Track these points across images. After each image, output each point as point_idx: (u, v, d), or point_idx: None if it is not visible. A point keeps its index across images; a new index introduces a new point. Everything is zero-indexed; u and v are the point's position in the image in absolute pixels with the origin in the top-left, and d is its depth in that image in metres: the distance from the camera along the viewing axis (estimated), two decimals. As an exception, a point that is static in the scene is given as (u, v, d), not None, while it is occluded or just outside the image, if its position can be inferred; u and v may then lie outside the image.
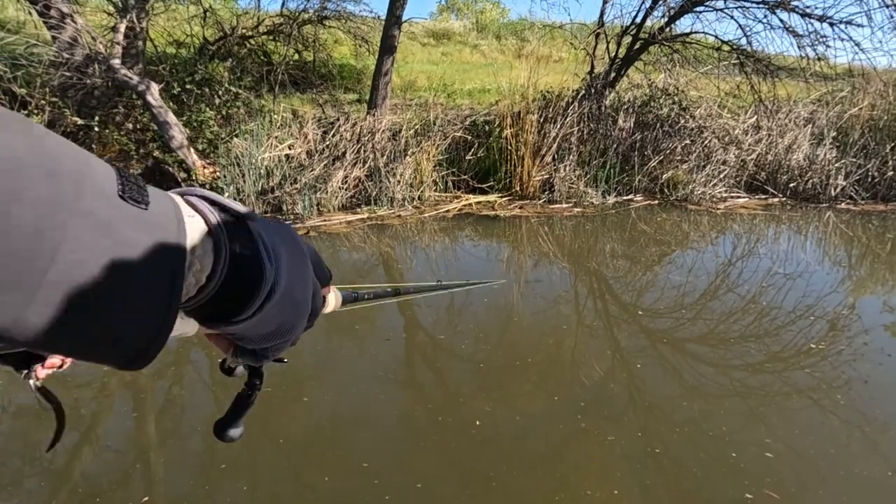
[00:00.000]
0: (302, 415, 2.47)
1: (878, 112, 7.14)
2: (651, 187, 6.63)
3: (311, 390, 2.65)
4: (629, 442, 2.26)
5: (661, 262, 4.65)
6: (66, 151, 0.22)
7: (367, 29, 9.13)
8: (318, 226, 5.07)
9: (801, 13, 5.80)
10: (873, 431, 2.32)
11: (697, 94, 7.30)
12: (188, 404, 2.58)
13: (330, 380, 2.76)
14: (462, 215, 5.69)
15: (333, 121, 6.39)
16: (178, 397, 2.62)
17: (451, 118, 6.89)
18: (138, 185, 0.25)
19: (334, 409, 2.49)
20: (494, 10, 19.63)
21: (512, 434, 2.32)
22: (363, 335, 3.19)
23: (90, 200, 0.22)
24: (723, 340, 3.20)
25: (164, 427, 2.39)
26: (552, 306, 3.65)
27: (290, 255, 0.33)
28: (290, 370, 2.77)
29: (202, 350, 3.00)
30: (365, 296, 0.72)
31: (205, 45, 7.91)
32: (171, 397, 2.62)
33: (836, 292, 3.95)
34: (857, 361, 2.91)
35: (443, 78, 10.25)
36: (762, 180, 6.87)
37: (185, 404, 2.58)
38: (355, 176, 5.67)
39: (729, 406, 2.53)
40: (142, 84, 5.13)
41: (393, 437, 2.31)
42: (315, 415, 2.47)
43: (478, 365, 2.89)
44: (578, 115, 6.34)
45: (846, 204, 6.49)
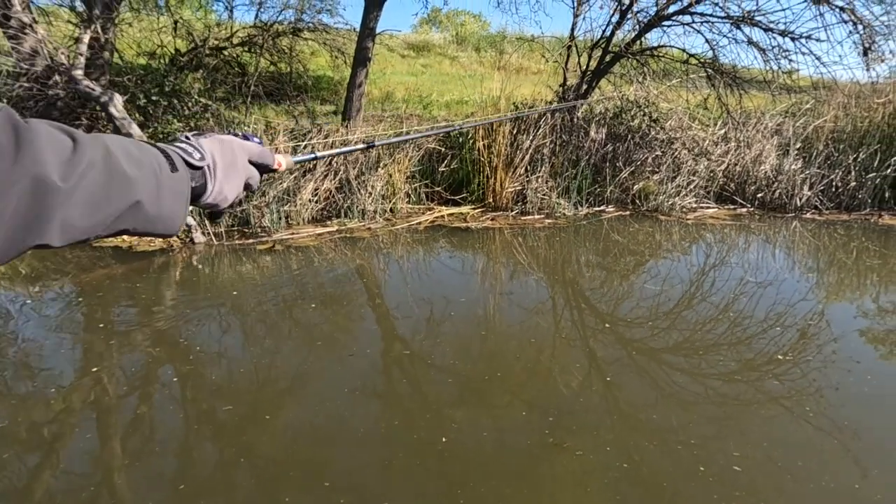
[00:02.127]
0: (265, 433, 2.40)
1: (840, 124, 7.33)
2: (623, 198, 6.69)
3: (274, 408, 2.59)
4: (597, 456, 2.24)
5: (636, 272, 4.67)
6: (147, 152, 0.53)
7: (342, 41, 9.12)
8: (285, 239, 4.98)
9: (764, 28, 5.94)
10: (845, 438, 2.34)
11: (668, 106, 7.41)
12: (157, 422, 2.50)
13: (292, 398, 2.69)
14: (434, 227, 5.66)
15: (306, 132, 6.33)
16: (146, 416, 2.54)
17: (426, 130, 6.87)
18: (172, 162, 0.54)
19: (297, 428, 2.44)
20: (475, 22, 19.85)
21: (479, 450, 2.28)
22: (325, 351, 3.12)
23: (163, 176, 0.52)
24: (696, 350, 3.21)
25: (130, 447, 2.31)
26: (524, 318, 3.63)
27: (224, 165, 0.63)
28: (255, 387, 2.70)
29: (171, 365, 2.91)
30: (316, 155, 1.01)
31: (176, 57, 7.81)
32: (139, 415, 2.54)
33: (806, 300, 4.00)
34: (827, 369, 2.94)
35: (419, 89, 10.27)
36: (731, 191, 6.98)
37: (153, 422, 2.50)
38: (326, 188, 5.61)
39: (700, 417, 2.53)
40: (104, 95, 5.02)
41: (357, 454, 2.26)
42: (278, 433, 2.40)
43: (446, 380, 2.85)
44: (551, 126, 6.38)
45: (811, 214, 6.63)
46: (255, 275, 4.32)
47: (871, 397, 2.69)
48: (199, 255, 4.66)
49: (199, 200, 0.61)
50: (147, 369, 2.94)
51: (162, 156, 0.53)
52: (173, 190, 0.53)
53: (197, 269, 4.47)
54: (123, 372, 2.91)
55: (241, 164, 0.66)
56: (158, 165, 0.52)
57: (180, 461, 2.24)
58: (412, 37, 15.28)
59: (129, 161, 0.47)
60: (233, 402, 2.60)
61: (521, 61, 12.56)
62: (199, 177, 0.59)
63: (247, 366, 2.95)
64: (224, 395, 2.66)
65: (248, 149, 0.68)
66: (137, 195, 0.47)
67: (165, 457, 2.26)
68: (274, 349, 3.16)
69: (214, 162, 0.61)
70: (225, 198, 0.64)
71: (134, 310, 3.72)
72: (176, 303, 3.87)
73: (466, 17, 20.30)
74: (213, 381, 2.81)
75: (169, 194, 0.52)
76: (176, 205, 0.53)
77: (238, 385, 2.75)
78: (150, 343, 3.21)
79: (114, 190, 0.44)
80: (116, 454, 2.26)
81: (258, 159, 0.70)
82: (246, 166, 0.67)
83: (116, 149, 0.47)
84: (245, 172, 0.67)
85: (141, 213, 0.48)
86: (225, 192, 0.63)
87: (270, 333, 3.36)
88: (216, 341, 3.23)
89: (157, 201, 0.50)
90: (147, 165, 0.50)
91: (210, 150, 0.61)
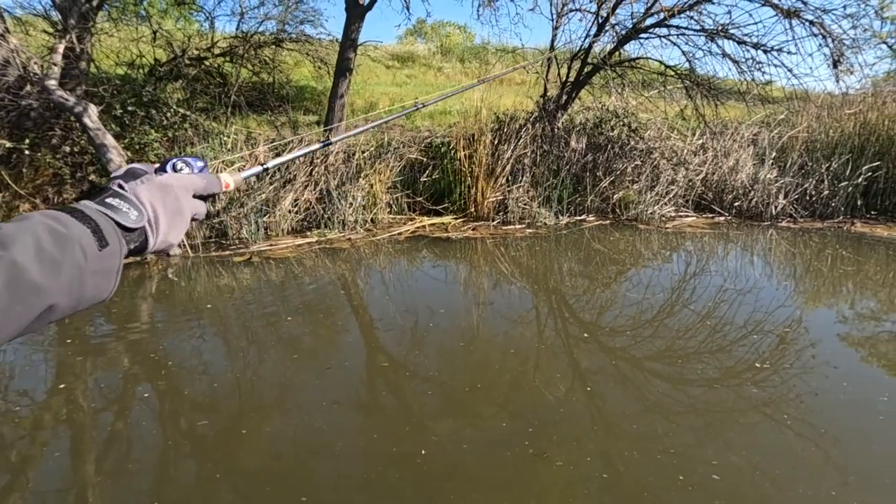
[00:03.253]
0: (242, 448, 2.35)
1: (814, 134, 7.51)
2: (603, 207, 6.75)
3: (250, 423, 2.54)
4: (577, 467, 2.22)
5: (617, 281, 4.70)
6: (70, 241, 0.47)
7: (325, 51, 9.12)
8: (263, 251, 4.93)
9: (738, 41, 6.07)
10: (824, 444, 2.36)
11: (647, 116, 7.53)
12: (132, 439, 2.44)
13: (269, 412, 2.64)
14: (415, 238, 5.64)
15: (287, 143, 6.29)
16: (121, 432, 2.48)
17: (408, 140, 6.89)
18: (101, 236, 0.50)
19: (274, 442, 2.39)
20: (460, 34, 20.03)
21: (458, 463, 2.25)
22: (303, 364, 3.08)
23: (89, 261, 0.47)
24: (677, 358, 3.23)
25: (104, 464, 2.24)
26: (505, 329, 3.62)
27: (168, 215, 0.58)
28: (231, 401, 2.64)
29: (146, 380, 2.84)
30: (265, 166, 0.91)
31: (155, 67, 7.74)
32: (113, 431, 2.48)
33: (784, 307, 4.05)
34: (806, 374, 2.98)
35: (403, 100, 10.30)
36: (709, 199, 7.09)
37: (128, 439, 2.43)
38: (306, 199, 5.57)
39: (680, 425, 2.53)
40: (79, 105, 4.94)
41: (335, 469, 2.22)
42: (255, 448, 2.35)
43: (426, 392, 2.83)
44: (531, 136, 6.43)
45: (787, 222, 6.75)
46: (233, 287, 4.26)
47: (848, 402, 2.72)
48: (174, 268, 4.58)
49: (140, 253, 0.57)
50: (121, 384, 2.87)
51: (90, 233, 0.48)
52: (100, 271, 0.49)
53: (172, 281, 4.39)
54: (97, 387, 2.83)
55: (187, 207, 0.62)
56: (83, 252, 0.47)
57: (156, 478, 2.18)
58: (397, 47, 15.36)
59: (44, 267, 0.43)
60: (209, 416, 2.55)
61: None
62: (138, 235, 0.54)
63: (223, 380, 2.89)
64: (200, 409, 2.60)
65: (192, 186, 0.63)
66: (50, 300, 0.44)
67: (141, 474, 2.19)
68: (251, 363, 3.10)
69: (156, 215, 0.57)
70: (170, 244, 0.60)
71: (107, 324, 3.64)
72: (151, 316, 3.79)
73: (451, 29, 20.50)
74: (188, 395, 2.74)
75: (94, 278, 0.48)
76: (104, 282, 0.49)
77: (214, 400, 2.70)
78: (124, 358, 3.13)
79: (16, 309, 0.41)
80: (89, 473, 2.19)
81: (204, 192, 0.65)
82: (192, 206, 0.63)
83: (29, 257, 0.42)
84: (191, 212, 0.63)
85: (56, 312, 0.45)
86: (170, 239, 0.60)
87: (248, 347, 3.30)
88: (192, 355, 3.17)
89: (79, 291, 0.47)
90: (67, 261, 0.45)
91: (149, 201, 0.56)
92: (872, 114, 7.21)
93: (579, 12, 6.54)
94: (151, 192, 0.57)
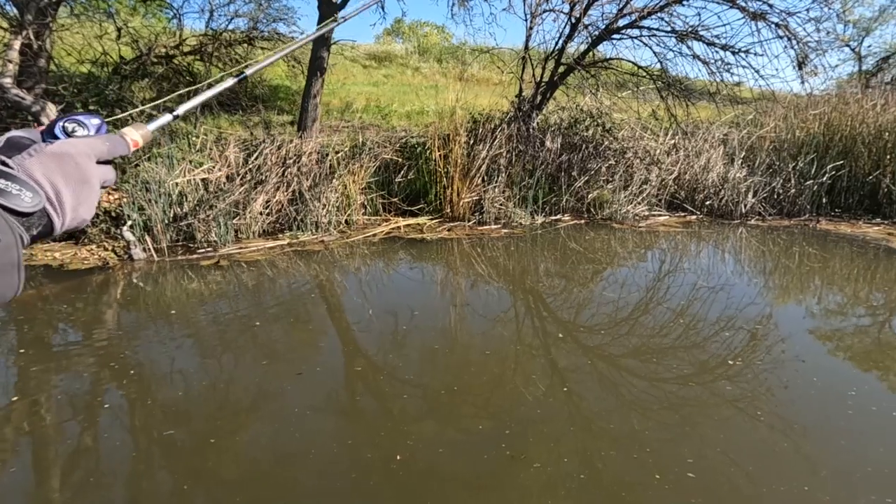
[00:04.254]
0: (212, 457, 2.27)
1: (781, 134, 7.70)
2: (578, 207, 6.79)
3: (220, 431, 2.45)
4: (555, 467, 2.21)
5: (593, 280, 4.73)
6: None
7: (299, 51, 8.98)
8: (232, 254, 4.79)
9: (707, 42, 6.18)
10: (795, 437, 2.39)
11: (621, 116, 7.61)
12: (99, 451, 2.33)
13: (239, 420, 2.55)
14: (390, 239, 5.57)
15: (258, 143, 6.16)
16: (87, 444, 2.37)
17: (383, 140, 6.82)
18: None
19: (245, 451, 2.32)
20: (439, 34, 19.99)
21: (435, 467, 2.22)
22: (273, 370, 2.99)
23: None
24: (652, 355, 3.24)
25: (71, 479, 2.15)
26: (480, 330, 3.59)
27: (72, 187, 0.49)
28: (200, 410, 2.55)
29: (110, 389, 2.71)
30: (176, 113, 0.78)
31: (119, 65, 7.50)
32: (79, 444, 2.37)
33: (755, 304, 4.12)
34: (777, 369, 3.03)
35: (379, 99, 10.21)
36: (681, 199, 7.20)
37: (95, 451, 2.33)
38: (278, 200, 5.45)
39: (656, 423, 2.54)
40: (36, 105, 4.74)
41: (308, 476, 2.16)
42: (225, 457, 2.28)
43: (401, 395, 2.78)
44: (507, 136, 6.43)
45: (756, 220, 6.90)
46: (201, 292, 4.13)
47: (818, 397, 2.77)
48: (139, 273, 4.42)
49: (46, 237, 0.49)
50: (86, 394, 2.74)
51: None
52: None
53: (138, 286, 4.24)
54: (60, 398, 2.71)
55: (94, 174, 0.53)
56: None
57: (125, 491, 2.10)
58: (374, 47, 15.26)
59: None
60: (177, 425, 2.46)
61: (483, 73, 12.71)
62: (38, 219, 0.46)
63: (192, 388, 2.79)
64: (169, 418, 2.51)
65: (93, 151, 0.54)
66: None
67: (109, 487, 2.11)
68: (221, 370, 3.01)
69: (57, 191, 0.48)
70: (83, 220, 0.53)
71: (71, 331, 3.49)
72: (116, 323, 3.65)
73: (429, 29, 20.45)
74: (156, 404, 2.64)
75: None
76: (3, 281, 0.43)
77: (183, 408, 2.61)
78: (88, 366, 3.00)
79: None
80: (53, 487, 2.10)
81: (108, 156, 0.56)
82: (99, 173, 0.55)
83: None
84: (100, 179, 0.55)
85: None
86: (81, 214, 0.52)
87: (217, 353, 3.19)
88: (159, 363, 3.06)
89: None
90: None
91: (45, 176, 0.48)
92: (836, 114, 7.42)
93: (553, 13, 6.57)
94: (45, 165, 0.48)
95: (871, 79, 12.36)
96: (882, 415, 2.59)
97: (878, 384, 2.99)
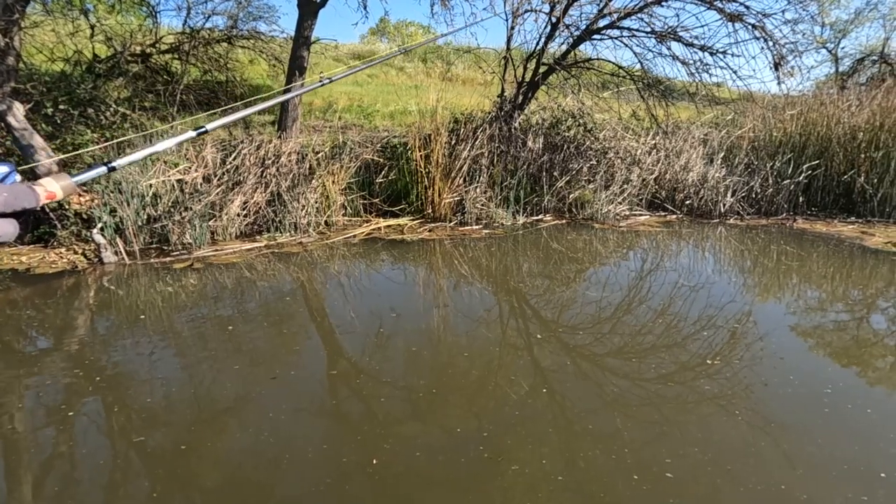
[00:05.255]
0: (183, 463, 2.21)
1: (759, 134, 7.79)
2: (560, 207, 6.80)
3: (192, 437, 2.39)
4: (533, 470, 2.18)
5: (576, 280, 4.72)
6: None
7: (279, 49, 8.86)
8: (207, 256, 4.68)
9: (686, 43, 6.22)
10: (774, 434, 2.39)
11: (603, 117, 7.63)
12: (73, 459, 2.25)
13: (212, 425, 2.49)
14: (370, 240, 5.51)
15: (237, 143, 6.05)
16: (61, 452, 2.29)
17: (365, 140, 6.75)
18: None
19: (218, 456, 2.26)
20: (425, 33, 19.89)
21: (411, 471, 2.18)
22: (247, 374, 2.92)
23: None
24: (633, 354, 3.24)
25: (44, 490, 2.08)
26: (459, 331, 3.56)
27: None
28: (172, 416, 2.48)
29: (81, 396, 2.62)
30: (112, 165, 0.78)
31: (93, 63, 7.31)
32: (53, 452, 2.29)
33: (734, 302, 4.15)
34: (756, 366, 3.04)
35: (363, 99, 10.12)
36: (662, 198, 7.25)
37: (69, 459, 2.25)
38: (256, 201, 5.35)
39: (636, 422, 2.53)
40: (2, 104, 4.58)
41: (282, 482, 2.10)
42: (197, 462, 2.22)
43: (378, 398, 2.73)
44: (488, 136, 6.40)
45: (734, 219, 6.97)
46: (173, 295, 4.02)
47: (795, 395, 2.77)
48: (110, 276, 4.30)
49: None
50: (58, 401, 2.66)
51: None
52: None
53: (108, 290, 4.12)
54: (30, 405, 2.62)
55: None
56: None
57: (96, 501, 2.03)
58: (359, 46, 15.17)
59: None
60: (147, 432, 2.39)
61: (467, 72, 12.68)
62: None
63: (163, 393, 2.71)
64: (140, 425, 2.45)
65: None
66: None
67: (85, 496, 2.04)
68: (192, 375, 2.92)
69: None
70: None
71: (40, 336, 3.38)
72: (87, 328, 3.54)
73: (414, 29, 20.37)
74: (127, 410, 2.57)
75: None
76: None
77: (154, 414, 2.54)
78: (59, 372, 2.91)
79: None
80: (26, 499, 2.03)
81: (6, 208, 0.52)
82: None
83: None
84: None
85: None
86: None
87: (189, 357, 3.11)
88: (129, 368, 2.97)
89: None
90: None
91: None
92: (812, 114, 7.53)
93: (534, 13, 6.57)
94: None
95: (847, 80, 12.61)
96: (856, 412, 2.61)
97: (852, 381, 3.01)
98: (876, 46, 13.20)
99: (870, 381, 3.04)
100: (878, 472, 2.16)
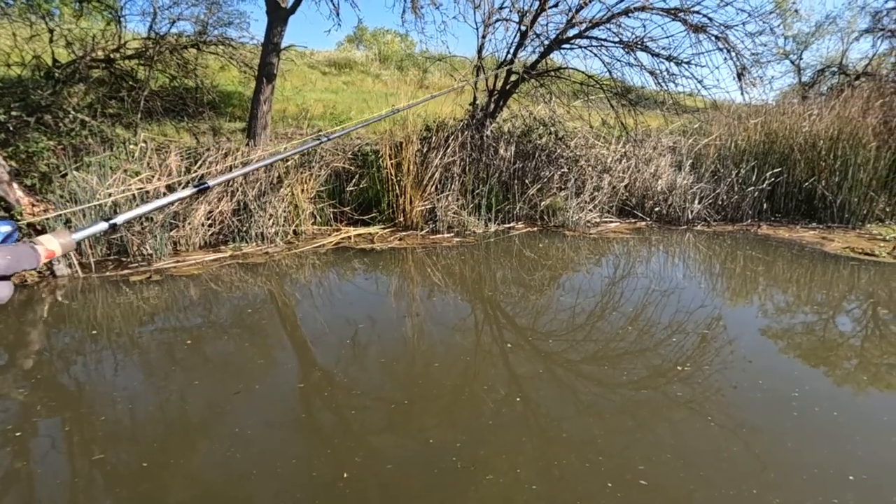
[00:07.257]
0: (143, 483, 2.10)
1: (725, 142, 7.99)
2: (532, 215, 6.81)
3: (151, 455, 2.27)
4: (507, 480, 2.14)
5: (549, 287, 4.71)
6: None
7: (250, 55, 8.70)
8: (168, 268, 4.50)
9: (653, 53, 6.34)
10: (745, 438, 2.40)
11: (574, 125, 7.72)
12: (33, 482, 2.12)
13: (172, 443, 2.36)
14: (339, 249, 5.40)
15: (202, 151, 5.87)
16: (20, 475, 2.16)
17: (336, 147, 6.65)
18: None
19: (180, 474, 2.15)
20: (402, 41, 19.89)
21: (382, 485, 2.11)
22: (209, 389, 2.79)
23: None
24: (606, 360, 3.22)
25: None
26: (429, 341, 3.48)
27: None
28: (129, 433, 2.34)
29: (30, 415, 2.44)
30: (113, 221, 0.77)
31: (51, 68, 7.03)
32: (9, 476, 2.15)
33: (704, 306, 4.19)
34: (726, 370, 3.06)
35: (337, 107, 10.02)
36: (632, 205, 7.34)
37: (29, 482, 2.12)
38: (221, 210, 5.19)
39: (610, 428, 2.51)
40: (-53, 109, 4.34)
41: (253, 498, 2.02)
42: (158, 482, 2.10)
43: (348, 411, 2.64)
44: (460, 144, 6.39)
45: (702, 225, 7.11)
46: (130, 309, 3.84)
47: (764, 399, 2.79)
48: (63, 290, 4.09)
49: None
50: (11, 421, 2.49)
51: None
52: None
53: (62, 304, 3.91)
54: None
55: None
56: None
57: None
58: (334, 54, 15.06)
59: None
60: (106, 450, 2.27)
61: (443, 80, 12.70)
62: None
63: (121, 411, 2.57)
64: (98, 443, 2.32)
65: None
66: None
67: None
68: (151, 391, 2.78)
69: None
70: None
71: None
72: (40, 344, 3.36)
73: (391, 37, 20.36)
74: (83, 428, 2.43)
75: None
76: None
77: (112, 431, 2.41)
78: (11, 390, 2.73)
79: None
80: None
81: (7, 270, 0.52)
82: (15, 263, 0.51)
83: None
84: None
85: None
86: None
87: (147, 373, 2.96)
88: (83, 386, 2.83)
89: None
90: None
91: None
92: (775, 123, 7.76)
93: (504, 22, 6.61)
94: None
95: (808, 90, 13.07)
96: (824, 416, 2.63)
97: (818, 384, 3.05)
98: (835, 58, 13.72)
99: (836, 383, 3.09)
100: (846, 475, 2.17)
